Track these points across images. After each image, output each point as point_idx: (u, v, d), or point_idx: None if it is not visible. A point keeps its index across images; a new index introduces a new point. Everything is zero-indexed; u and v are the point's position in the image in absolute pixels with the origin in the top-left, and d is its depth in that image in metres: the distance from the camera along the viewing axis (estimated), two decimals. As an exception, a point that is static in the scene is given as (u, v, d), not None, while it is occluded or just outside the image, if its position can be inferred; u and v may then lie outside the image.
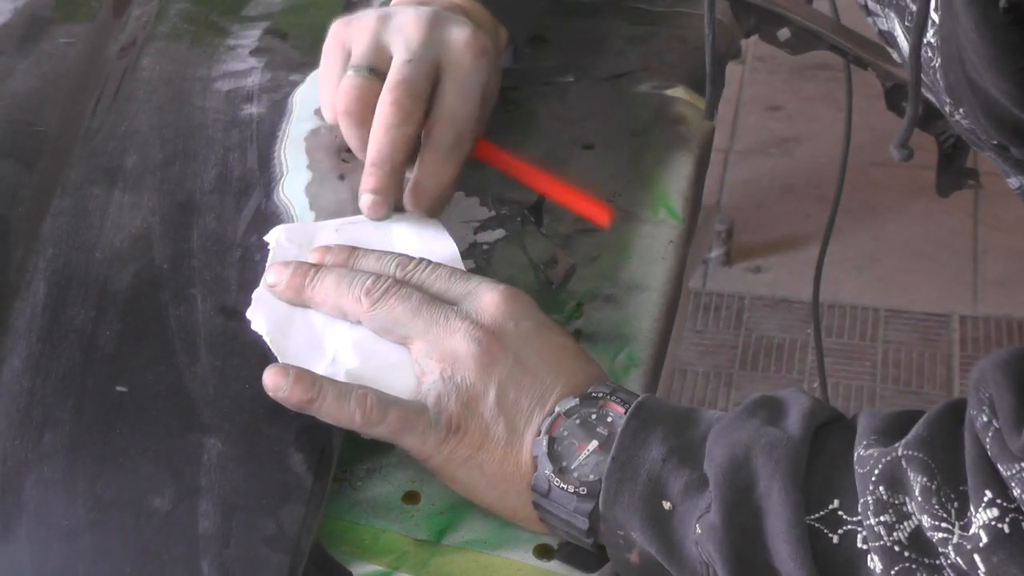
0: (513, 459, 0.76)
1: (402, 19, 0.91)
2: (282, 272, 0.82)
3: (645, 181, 0.98)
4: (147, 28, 1.06)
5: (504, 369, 0.77)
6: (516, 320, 0.79)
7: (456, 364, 0.77)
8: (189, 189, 0.90)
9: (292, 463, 0.76)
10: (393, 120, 0.86)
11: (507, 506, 0.77)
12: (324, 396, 0.77)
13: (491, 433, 0.76)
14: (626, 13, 1.13)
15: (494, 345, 0.77)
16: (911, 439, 0.69)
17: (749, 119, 2.60)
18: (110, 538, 0.72)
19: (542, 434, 0.76)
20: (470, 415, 0.76)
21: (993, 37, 0.69)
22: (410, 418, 0.76)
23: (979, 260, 2.33)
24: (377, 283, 0.80)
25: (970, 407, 0.68)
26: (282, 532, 0.72)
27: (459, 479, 0.77)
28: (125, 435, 0.76)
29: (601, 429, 0.75)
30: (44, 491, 0.73)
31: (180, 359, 0.80)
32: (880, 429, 0.71)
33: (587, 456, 0.75)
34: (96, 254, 0.86)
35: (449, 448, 0.76)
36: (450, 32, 0.90)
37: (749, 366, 2.19)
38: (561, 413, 0.76)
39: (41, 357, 0.80)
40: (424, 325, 0.78)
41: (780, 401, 0.74)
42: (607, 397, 0.76)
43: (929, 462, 0.68)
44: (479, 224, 0.93)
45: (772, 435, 0.71)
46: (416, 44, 0.89)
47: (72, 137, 0.95)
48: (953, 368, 2.18)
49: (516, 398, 0.77)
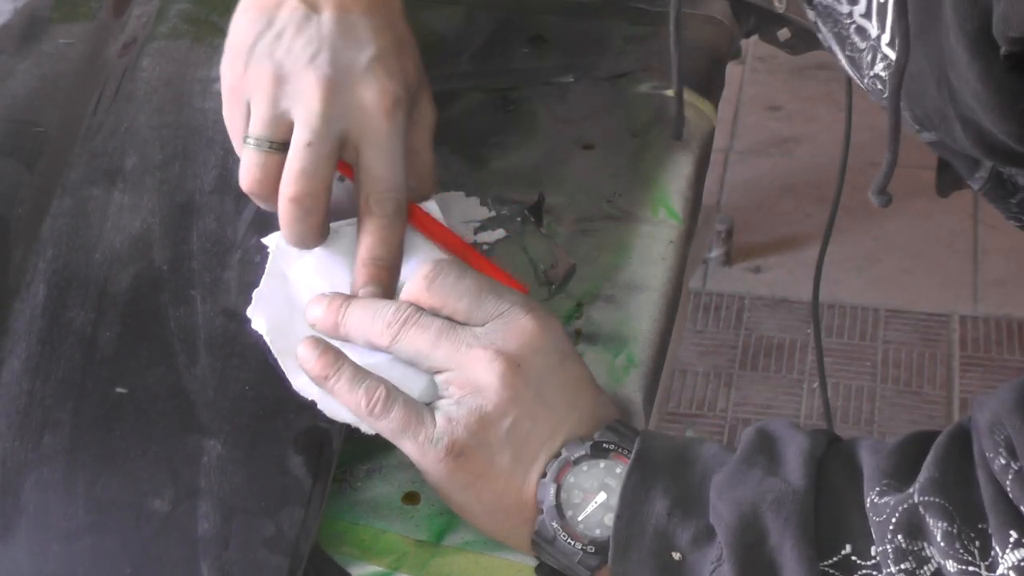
0: (514, 493, 0.76)
1: (301, 84, 0.82)
2: (319, 307, 0.80)
3: (645, 181, 0.98)
4: (147, 28, 1.06)
5: (523, 404, 0.76)
6: (543, 352, 0.77)
7: (476, 393, 0.75)
8: (189, 190, 0.90)
9: (291, 465, 0.76)
10: (297, 214, 0.82)
11: (500, 534, 0.77)
12: (340, 375, 0.77)
13: (495, 463, 0.75)
14: (626, 13, 1.13)
15: (518, 379, 0.76)
16: (925, 483, 0.69)
17: (749, 119, 2.60)
18: (110, 539, 0.72)
19: (548, 478, 0.75)
20: (477, 444, 0.75)
21: (996, 86, 0.70)
22: (412, 423, 0.75)
23: (979, 260, 2.33)
24: (397, 313, 0.78)
25: (985, 448, 0.68)
26: (281, 534, 0.72)
27: (454, 501, 0.77)
28: (125, 436, 0.76)
29: (610, 481, 0.74)
30: (44, 492, 0.73)
31: (180, 361, 0.80)
32: (889, 470, 0.71)
33: (594, 509, 0.74)
34: (96, 255, 0.86)
35: (447, 469, 0.75)
36: (355, 95, 0.83)
37: (749, 366, 2.19)
38: (570, 460, 0.75)
39: (41, 359, 0.80)
40: (444, 355, 0.76)
41: (774, 440, 0.74)
42: (616, 449, 0.75)
43: (947, 505, 0.68)
44: (479, 224, 0.93)
45: (777, 489, 0.71)
46: (316, 119, 0.82)
47: (72, 137, 0.95)
48: (953, 368, 2.18)
49: (528, 431, 0.76)
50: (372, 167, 0.83)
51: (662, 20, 1.12)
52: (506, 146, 1.00)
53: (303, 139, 0.82)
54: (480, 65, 1.07)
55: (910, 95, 0.77)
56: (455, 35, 1.09)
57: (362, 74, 0.83)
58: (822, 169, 2.47)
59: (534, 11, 1.12)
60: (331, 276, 0.84)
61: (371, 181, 0.83)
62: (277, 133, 0.83)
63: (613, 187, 0.97)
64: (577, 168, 0.99)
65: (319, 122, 0.82)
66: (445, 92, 1.02)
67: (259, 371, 0.79)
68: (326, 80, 0.82)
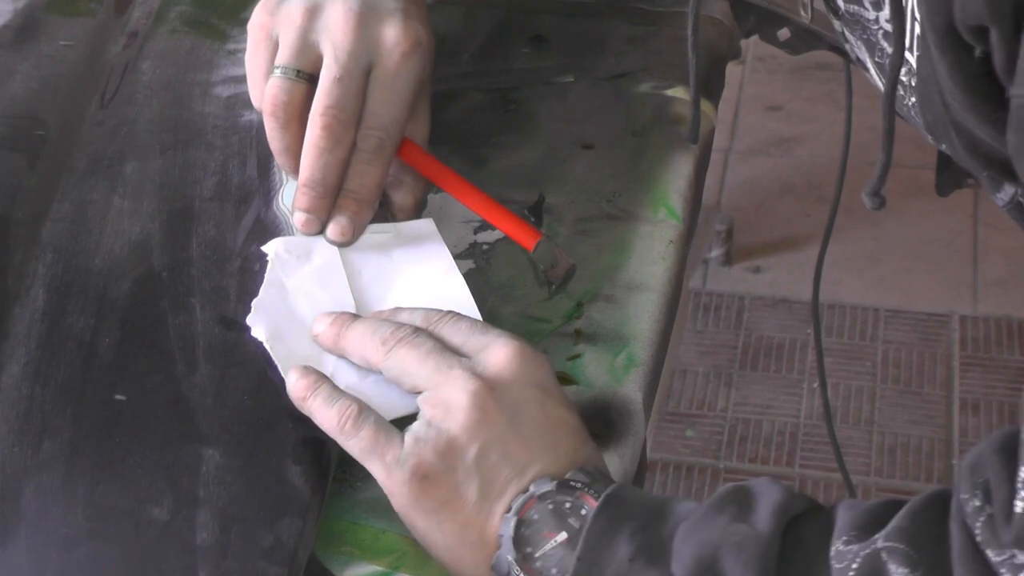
0: (478, 528, 0.74)
1: (331, 16, 0.87)
2: (324, 321, 0.81)
3: (645, 181, 0.98)
4: (147, 29, 1.05)
5: (494, 429, 0.74)
6: (522, 383, 0.76)
7: (446, 414, 0.74)
8: (188, 196, 0.90)
9: (290, 475, 0.75)
10: (324, 144, 0.85)
11: (461, 568, 0.75)
12: (317, 395, 0.77)
13: (460, 491, 0.74)
14: (626, 13, 1.13)
15: (488, 402, 0.74)
16: (892, 530, 0.67)
17: (749, 119, 2.60)
18: (108, 547, 0.72)
19: (512, 513, 0.73)
20: (443, 467, 0.74)
21: (967, 86, 0.69)
22: (381, 442, 0.75)
23: (979, 260, 2.33)
24: (396, 332, 0.78)
25: (961, 490, 0.66)
26: (280, 545, 0.72)
27: (418, 528, 0.75)
28: (124, 444, 0.76)
29: (573, 520, 0.72)
30: (43, 499, 0.73)
31: (179, 368, 0.79)
32: (860, 524, 0.69)
33: (553, 548, 0.72)
34: (95, 261, 0.86)
35: (412, 493, 0.74)
36: (380, 30, 0.87)
37: (749, 366, 2.19)
38: (535, 495, 0.73)
39: (40, 364, 0.79)
40: (427, 373, 0.76)
41: (751, 494, 0.72)
42: (584, 489, 0.73)
43: (911, 553, 0.66)
44: (479, 224, 0.93)
45: (741, 533, 0.69)
46: (345, 55, 0.86)
47: (72, 139, 0.95)
48: (953, 368, 2.18)
49: (497, 462, 0.74)
50: (368, 101, 0.87)
51: (662, 20, 1.12)
52: (506, 146, 1.00)
53: (333, 73, 0.86)
54: (480, 65, 1.07)
55: (922, 100, 0.76)
56: (455, 35, 1.09)
57: (390, 14, 0.88)
58: (822, 169, 2.47)
59: (534, 11, 1.12)
60: (330, 285, 0.84)
61: (366, 112, 0.86)
62: (305, 63, 0.87)
63: (613, 187, 0.97)
64: (577, 168, 0.99)
65: (348, 58, 0.86)
66: (445, 92, 1.02)
67: (258, 380, 0.79)
68: (356, 15, 0.87)
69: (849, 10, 0.84)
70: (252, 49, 0.90)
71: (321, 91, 0.86)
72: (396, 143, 0.88)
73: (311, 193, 0.85)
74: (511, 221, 0.88)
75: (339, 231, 0.85)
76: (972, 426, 2.09)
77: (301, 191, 0.85)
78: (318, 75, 0.87)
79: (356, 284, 0.85)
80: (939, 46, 0.69)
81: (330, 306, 0.83)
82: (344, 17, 0.87)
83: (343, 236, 0.85)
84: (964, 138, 0.73)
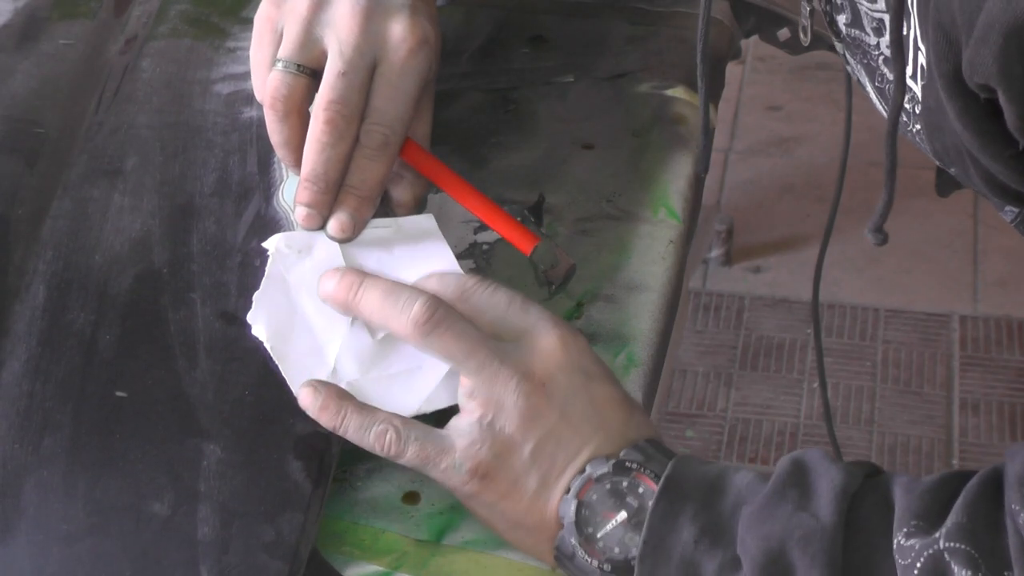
0: (538, 512, 0.76)
1: (337, 11, 0.86)
2: (330, 282, 0.81)
3: (645, 181, 0.98)
4: (147, 28, 1.05)
5: (547, 425, 0.76)
6: (568, 371, 0.77)
7: (499, 412, 0.76)
8: (189, 192, 0.90)
9: (291, 470, 0.76)
10: (327, 139, 0.85)
11: (523, 547, 0.77)
12: (347, 426, 0.77)
13: (520, 484, 0.75)
14: (626, 13, 1.13)
15: (542, 400, 0.76)
16: (952, 528, 0.68)
17: (749, 119, 2.60)
18: (109, 542, 0.72)
19: (571, 495, 0.75)
20: (501, 465, 0.75)
21: (977, 128, 0.69)
22: (430, 456, 0.76)
23: (979, 260, 2.33)
24: (426, 310, 0.78)
25: (1011, 500, 0.68)
26: (281, 539, 0.72)
27: (480, 516, 0.77)
28: (124, 439, 0.76)
29: (631, 499, 0.74)
30: (43, 495, 0.73)
31: (179, 364, 0.79)
32: (920, 512, 0.70)
33: (614, 527, 0.74)
34: (96, 257, 0.86)
35: (472, 491, 0.76)
36: (387, 26, 0.86)
37: (749, 366, 2.19)
38: (593, 477, 0.75)
39: (41, 360, 0.79)
40: (476, 366, 0.77)
41: (808, 474, 0.73)
42: (639, 468, 0.75)
43: (972, 552, 0.67)
44: (479, 224, 0.93)
45: (806, 526, 0.70)
46: (351, 50, 0.86)
47: (72, 139, 0.95)
48: (953, 368, 2.18)
49: (553, 453, 0.76)
50: (373, 97, 0.86)
51: (662, 20, 1.12)
52: (506, 146, 1.00)
53: (337, 68, 0.85)
54: (480, 65, 1.07)
55: (930, 129, 0.76)
56: (455, 35, 1.09)
57: (397, 10, 0.87)
58: (822, 169, 2.47)
59: (534, 11, 1.12)
60: (332, 279, 0.84)
61: (368, 110, 0.86)
62: (308, 57, 0.87)
63: (613, 187, 0.97)
64: (577, 168, 0.99)
65: (353, 53, 0.85)
66: (445, 92, 1.02)
67: (259, 375, 0.79)
68: (362, 10, 0.86)
69: (851, 34, 0.84)
70: (257, 41, 0.90)
71: (325, 85, 0.86)
72: (400, 140, 0.88)
73: (312, 188, 0.85)
74: (509, 224, 0.88)
75: (340, 227, 0.85)
76: (972, 426, 2.09)
77: (303, 186, 0.85)
78: (322, 70, 0.86)
79: (357, 279, 0.85)
80: (946, 91, 0.69)
81: (331, 301, 0.83)
82: (350, 12, 0.86)
83: (344, 232, 0.85)
84: (979, 169, 0.74)
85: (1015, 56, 0.63)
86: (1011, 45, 0.63)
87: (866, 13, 0.81)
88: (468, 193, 0.89)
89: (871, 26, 0.81)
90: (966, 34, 0.66)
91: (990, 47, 0.63)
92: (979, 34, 0.64)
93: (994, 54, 0.63)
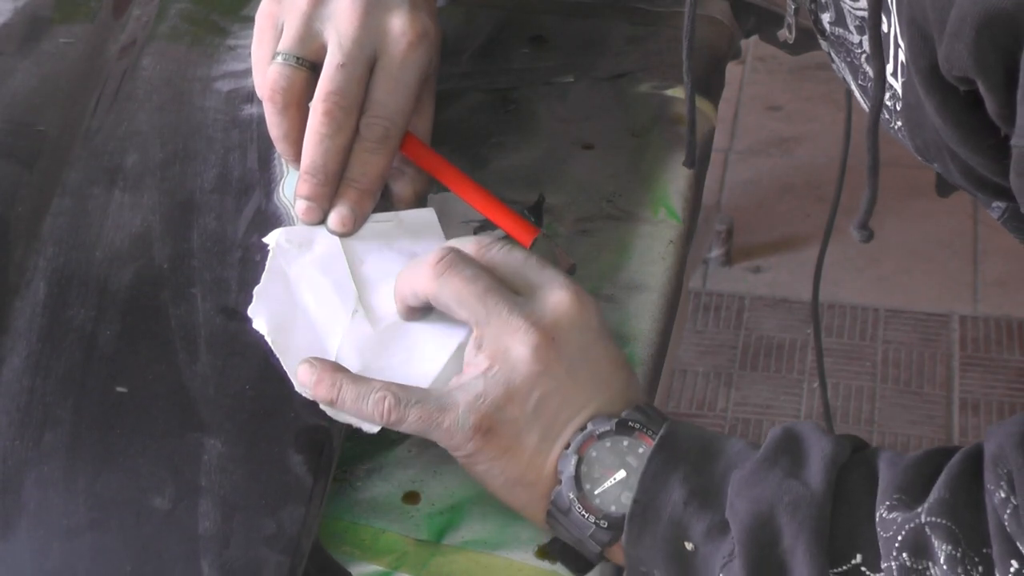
0: (537, 467, 0.76)
1: (337, 5, 0.87)
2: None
3: (645, 181, 0.98)
4: (147, 28, 1.06)
5: (554, 380, 0.76)
6: (579, 329, 0.77)
7: (505, 364, 0.76)
8: (189, 189, 0.90)
9: (292, 463, 0.76)
10: (326, 130, 0.85)
11: (517, 504, 0.77)
12: (344, 398, 0.77)
13: (521, 438, 0.76)
14: (626, 13, 1.13)
15: (550, 353, 0.76)
16: (933, 504, 0.69)
17: (749, 119, 2.60)
18: (110, 537, 0.72)
19: (571, 450, 0.75)
20: (503, 418, 0.75)
21: (956, 121, 0.70)
22: (433, 416, 0.75)
23: (979, 260, 2.33)
24: (441, 254, 0.78)
25: (987, 480, 0.68)
26: (282, 532, 0.73)
27: (478, 473, 0.77)
28: (125, 434, 0.76)
29: (631, 459, 0.74)
30: (44, 490, 0.73)
31: (180, 359, 0.80)
32: (903, 486, 0.71)
33: (612, 485, 0.74)
34: (96, 253, 0.86)
35: (475, 447, 0.75)
36: (387, 20, 0.87)
37: (749, 366, 2.19)
38: (595, 434, 0.75)
39: (41, 356, 0.80)
40: (486, 313, 0.76)
41: (800, 443, 0.74)
42: (642, 429, 0.75)
43: (953, 527, 0.68)
44: (479, 224, 0.93)
45: (795, 492, 0.71)
46: (350, 42, 0.86)
47: (72, 137, 0.95)
48: (953, 368, 2.18)
49: (557, 408, 0.76)
50: (373, 90, 0.87)
51: (662, 20, 1.13)
52: (506, 146, 1.00)
53: (336, 60, 0.86)
54: (480, 65, 1.08)
55: (911, 125, 0.77)
56: (455, 35, 1.09)
57: (396, 4, 0.88)
58: (822, 169, 2.47)
59: (534, 11, 1.12)
60: (331, 273, 0.84)
61: (370, 101, 0.86)
62: (307, 51, 0.87)
63: (613, 187, 0.97)
64: (577, 168, 0.99)
65: (352, 45, 0.86)
66: (445, 92, 1.02)
67: (260, 369, 0.79)
68: (362, 4, 0.87)
69: (834, 32, 0.85)
70: (258, 38, 0.90)
71: (324, 77, 0.86)
72: (401, 133, 0.88)
73: (312, 180, 0.85)
74: (509, 217, 0.88)
75: (340, 221, 0.85)
76: (972, 426, 2.09)
77: (303, 178, 0.86)
78: (321, 64, 0.87)
79: (358, 273, 0.85)
80: (924, 86, 0.70)
81: (332, 294, 0.83)
82: (350, 6, 0.87)
83: (344, 226, 0.85)
84: (959, 163, 0.74)
85: (988, 47, 0.64)
86: (983, 38, 0.64)
87: (849, 11, 0.81)
88: (469, 188, 0.89)
89: (854, 24, 0.82)
90: (939, 30, 0.66)
91: (964, 40, 0.64)
92: (952, 29, 0.65)
93: (968, 47, 0.64)
